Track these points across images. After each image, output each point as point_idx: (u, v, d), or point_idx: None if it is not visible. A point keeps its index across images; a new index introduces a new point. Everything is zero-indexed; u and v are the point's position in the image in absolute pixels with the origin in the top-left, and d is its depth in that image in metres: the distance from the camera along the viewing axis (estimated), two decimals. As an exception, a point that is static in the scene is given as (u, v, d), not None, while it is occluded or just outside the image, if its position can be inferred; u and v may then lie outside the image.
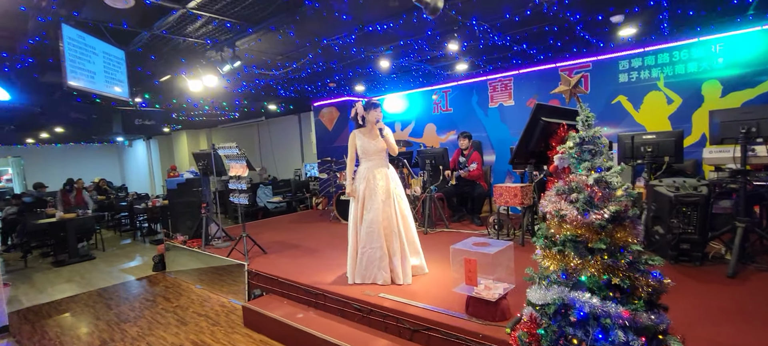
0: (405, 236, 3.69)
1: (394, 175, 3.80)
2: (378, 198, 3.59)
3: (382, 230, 3.56)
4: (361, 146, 3.73)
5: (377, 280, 3.57)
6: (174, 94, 5.87)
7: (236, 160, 4.56)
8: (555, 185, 1.74)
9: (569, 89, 1.84)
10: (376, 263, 3.57)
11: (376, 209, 3.57)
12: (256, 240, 5.97)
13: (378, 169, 3.68)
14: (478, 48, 4.59)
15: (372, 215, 3.57)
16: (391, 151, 3.76)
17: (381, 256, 3.56)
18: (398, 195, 3.73)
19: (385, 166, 3.74)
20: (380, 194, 3.60)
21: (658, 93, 5.29)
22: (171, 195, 6.25)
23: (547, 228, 1.78)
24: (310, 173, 10.18)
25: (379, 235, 3.56)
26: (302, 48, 4.33)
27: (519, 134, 6.95)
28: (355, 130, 3.82)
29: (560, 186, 1.70)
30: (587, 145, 1.68)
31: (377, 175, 3.64)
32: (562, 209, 1.64)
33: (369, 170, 3.67)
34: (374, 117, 3.69)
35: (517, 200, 4.56)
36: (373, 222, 3.57)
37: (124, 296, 5.24)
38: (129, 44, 3.66)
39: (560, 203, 1.66)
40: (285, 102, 8.71)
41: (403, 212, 3.73)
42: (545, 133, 2.46)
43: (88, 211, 7.73)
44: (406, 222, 3.73)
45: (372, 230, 3.57)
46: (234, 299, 4.73)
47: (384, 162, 3.76)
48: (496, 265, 2.82)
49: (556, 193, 1.71)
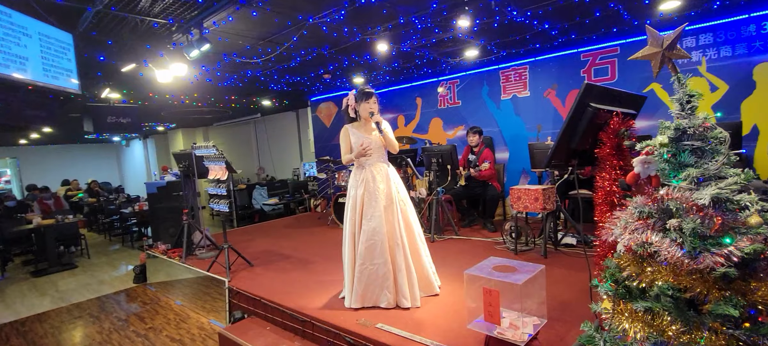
0: (410, 248, 3.09)
1: (395, 175, 3.21)
2: (379, 204, 3.01)
3: (385, 242, 2.98)
4: (356, 143, 3.14)
5: (379, 302, 2.98)
6: (149, 88, 5.32)
7: (215, 162, 3.98)
8: (634, 204, 1.13)
9: (660, 51, 1.22)
10: (378, 283, 2.98)
11: (377, 217, 2.99)
12: (246, 247, 5.42)
13: (378, 171, 3.10)
14: (492, 28, 3.95)
15: (373, 225, 2.99)
16: (391, 149, 3.15)
17: (384, 273, 2.97)
18: (402, 199, 3.15)
19: (385, 166, 3.15)
20: (381, 199, 3.02)
21: (699, 79, 4.60)
22: (152, 200, 5.69)
23: (618, 267, 1.16)
24: (308, 172, 9.60)
25: (381, 248, 2.97)
26: (284, 29, 3.72)
27: (535, 128, 6.28)
28: (346, 125, 3.23)
29: (644, 206, 1.09)
30: (690, 141, 1.06)
31: (377, 177, 3.07)
32: (651, 243, 1.03)
33: (367, 172, 3.08)
34: (367, 110, 3.10)
35: (539, 204, 3.92)
36: (374, 233, 2.98)
37: (94, 315, 4.70)
38: (76, 26, 3.10)
39: (647, 232, 1.05)
40: (279, 97, 8.12)
41: (408, 219, 3.14)
42: (593, 126, 1.83)
43: (69, 216, 7.21)
44: (411, 231, 3.14)
45: (373, 243, 2.98)
46: (214, 321, 4.16)
47: (384, 162, 3.17)
48: (525, 296, 2.20)
49: (638, 215, 1.10)
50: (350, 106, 3.17)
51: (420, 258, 3.15)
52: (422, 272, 3.14)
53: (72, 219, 7.19)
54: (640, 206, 1.10)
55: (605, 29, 4.37)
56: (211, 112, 9.28)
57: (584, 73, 5.39)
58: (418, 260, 3.13)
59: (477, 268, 2.35)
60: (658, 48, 1.24)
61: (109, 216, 9.64)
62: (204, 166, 4.36)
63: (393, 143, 3.13)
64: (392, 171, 3.19)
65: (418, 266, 3.12)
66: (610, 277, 1.17)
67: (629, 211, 1.14)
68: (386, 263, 2.95)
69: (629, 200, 1.14)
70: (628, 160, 1.86)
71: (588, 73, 5.36)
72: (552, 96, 5.75)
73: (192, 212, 5.41)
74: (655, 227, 1.06)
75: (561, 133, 1.76)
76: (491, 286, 2.14)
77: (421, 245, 3.17)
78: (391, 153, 3.23)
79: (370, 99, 3.09)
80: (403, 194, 3.19)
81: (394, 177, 3.16)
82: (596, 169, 1.93)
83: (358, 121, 3.19)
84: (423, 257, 3.17)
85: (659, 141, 1.12)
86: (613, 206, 1.84)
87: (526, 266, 2.31)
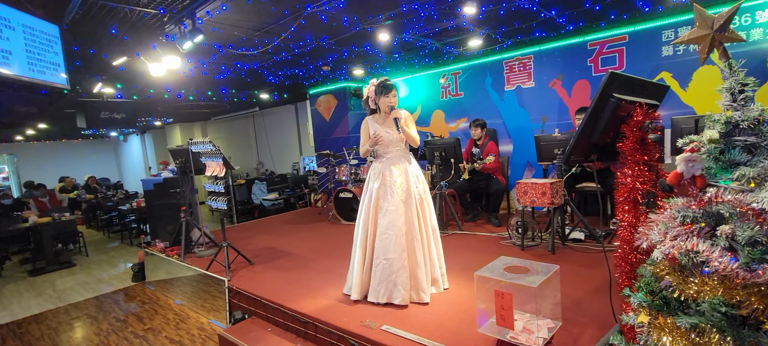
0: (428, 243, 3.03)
1: (416, 170, 3.12)
2: (396, 198, 2.94)
3: (402, 237, 2.90)
4: (376, 135, 3.06)
5: (393, 299, 2.89)
6: (144, 83, 5.16)
7: (211, 157, 3.85)
8: (677, 207, 1.00)
9: (710, 33, 1.08)
10: (393, 279, 2.90)
11: (393, 211, 2.92)
12: (246, 245, 5.32)
13: (396, 164, 3.03)
14: (498, 16, 3.79)
15: (387, 220, 2.92)
16: (411, 143, 3.08)
17: (399, 269, 2.89)
18: (421, 194, 3.06)
19: (405, 160, 3.07)
20: (398, 193, 2.96)
21: (711, 68, 4.45)
22: (148, 196, 5.57)
23: (655, 276, 1.05)
24: (308, 167, 9.47)
25: (397, 243, 2.89)
26: (280, 19, 3.57)
27: (539, 120, 6.15)
28: (367, 117, 3.16)
29: (688, 210, 0.97)
30: (742, 137, 0.94)
31: (395, 171, 3.01)
32: (698, 252, 0.91)
33: (385, 166, 3.04)
34: (387, 104, 3.02)
35: (546, 199, 3.80)
36: (388, 227, 2.91)
37: (92, 315, 4.60)
38: (63, 17, 2.95)
39: (693, 240, 0.93)
40: (278, 90, 7.95)
41: (425, 214, 3.05)
42: (615, 118, 1.70)
43: (66, 213, 7.10)
44: (428, 226, 3.05)
45: (387, 237, 2.91)
46: (215, 321, 4.06)
47: (404, 156, 3.09)
48: (540, 298, 2.09)
49: (682, 220, 0.98)
50: (371, 98, 3.09)
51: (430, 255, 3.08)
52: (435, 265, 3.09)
53: (68, 217, 7.07)
54: (684, 210, 0.98)
55: (615, 16, 4.21)
56: (208, 106, 9.13)
57: (591, 63, 5.24)
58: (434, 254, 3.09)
59: (488, 269, 2.23)
60: (707, 30, 1.11)
61: (107, 213, 9.53)
62: (201, 163, 4.23)
63: (412, 137, 3.04)
64: (413, 165, 3.10)
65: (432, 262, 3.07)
66: (645, 287, 1.06)
67: (669, 214, 1.02)
68: (400, 258, 2.88)
69: (666, 202, 1.02)
70: (653, 155, 1.74)
71: (595, 63, 5.21)
72: (557, 87, 5.60)
73: (190, 208, 5.29)
74: (701, 234, 0.94)
75: (582, 127, 1.63)
76: (504, 289, 2.02)
77: (433, 243, 3.09)
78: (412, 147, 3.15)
79: (390, 93, 3.02)
80: (423, 189, 3.10)
81: (414, 171, 3.08)
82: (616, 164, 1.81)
83: (379, 113, 3.10)
84: (433, 256, 3.09)
85: (708, 136, 1.00)
86: (636, 204, 1.72)
87: (538, 267, 2.19)
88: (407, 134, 3.00)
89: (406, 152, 3.10)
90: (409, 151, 3.15)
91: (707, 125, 1.04)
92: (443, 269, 3.19)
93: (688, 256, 0.94)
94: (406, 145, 3.11)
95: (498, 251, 4.12)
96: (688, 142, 1.05)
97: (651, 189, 1.70)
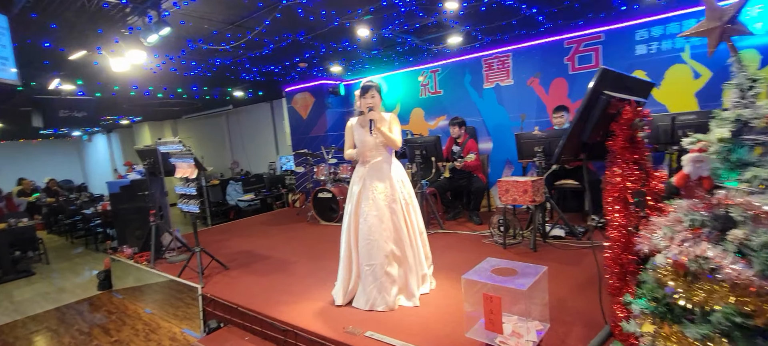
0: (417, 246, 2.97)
1: (398, 172, 3.02)
2: (379, 203, 2.86)
3: (380, 243, 2.82)
4: (357, 139, 2.99)
5: (376, 306, 2.81)
6: (108, 79, 4.83)
7: (182, 158, 3.64)
8: (683, 210, 0.95)
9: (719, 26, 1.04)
10: (376, 286, 2.82)
11: (375, 216, 2.84)
12: (221, 248, 5.12)
13: (378, 169, 2.93)
14: (479, 12, 3.75)
15: (370, 224, 2.84)
16: (390, 145, 2.96)
17: (382, 276, 2.81)
18: (407, 198, 2.99)
19: (386, 164, 2.97)
20: (380, 199, 2.87)
21: (682, 66, 4.58)
22: (114, 200, 5.25)
23: (657, 283, 0.99)
24: (285, 166, 9.24)
25: (377, 250, 2.82)
26: (254, 11, 3.40)
27: (518, 118, 6.16)
28: (351, 119, 3.07)
29: (696, 214, 0.92)
30: (752, 136, 0.89)
31: (374, 174, 2.92)
32: (708, 258, 0.86)
33: (366, 170, 2.95)
34: (365, 105, 2.91)
35: (528, 196, 3.79)
36: (369, 233, 2.83)
37: (53, 328, 4.29)
38: (11, 6, 2.68)
39: (703, 245, 0.88)
40: (253, 87, 7.69)
41: (411, 218, 2.98)
42: (605, 116, 1.66)
43: (24, 219, 6.63)
44: (415, 230, 2.99)
45: (368, 243, 2.83)
46: (188, 330, 3.85)
47: (386, 159, 2.98)
48: (529, 301, 2.04)
49: (690, 224, 0.93)
50: (356, 99, 3.01)
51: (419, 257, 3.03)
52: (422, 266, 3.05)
53: (27, 222, 6.61)
54: (691, 213, 0.93)
55: (593, 14, 4.25)
56: (178, 104, 8.74)
57: (568, 61, 5.30)
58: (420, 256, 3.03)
59: (475, 272, 2.17)
60: (716, 22, 1.07)
61: (70, 217, 9.00)
62: (171, 164, 4.01)
63: (391, 139, 2.93)
64: (395, 169, 3.00)
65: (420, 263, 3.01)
66: (648, 293, 1.01)
67: (675, 217, 0.97)
68: (382, 265, 2.80)
69: (669, 203, 0.98)
70: (643, 153, 1.71)
71: (572, 61, 5.27)
72: (535, 84, 5.64)
73: (160, 212, 5.03)
74: (710, 238, 0.89)
75: (573, 125, 1.58)
76: (493, 292, 1.96)
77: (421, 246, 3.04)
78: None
79: (367, 93, 2.91)
80: (408, 193, 3.03)
81: (397, 174, 2.98)
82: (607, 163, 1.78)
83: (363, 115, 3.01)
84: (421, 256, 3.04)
85: (718, 135, 0.96)
86: (626, 204, 1.69)
87: (526, 268, 2.15)
88: (384, 137, 2.90)
89: (387, 155, 3.00)
90: (391, 154, 3.04)
91: (716, 123, 1.00)
92: (431, 268, 3.16)
93: (697, 262, 0.89)
94: (388, 148, 3.01)
95: (480, 249, 4.10)
96: (696, 142, 1.01)
97: (641, 188, 1.67)
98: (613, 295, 1.77)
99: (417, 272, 2.93)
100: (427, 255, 3.13)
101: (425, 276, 3.04)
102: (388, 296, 2.79)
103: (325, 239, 5.09)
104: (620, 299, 1.75)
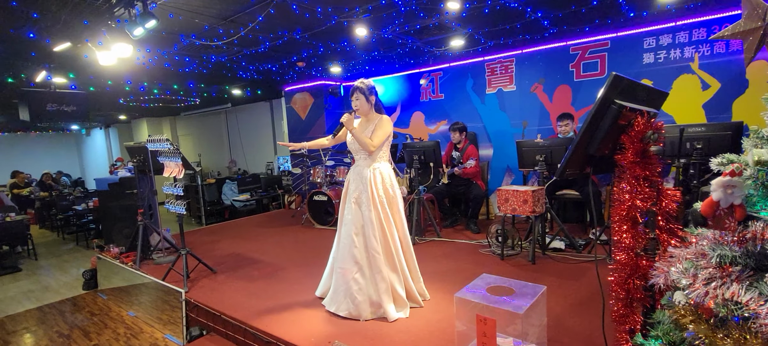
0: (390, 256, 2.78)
1: (381, 174, 2.86)
2: (361, 208, 2.81)
3: (352, 249, 2.77)
4: (348, 140, 2.97)
5: (339, 310, 2.80)
6: (99, 73, 4.69)
7: (169, 157, 3.50)
8: (710, 244, 0.81)
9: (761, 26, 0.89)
10: (342, 289, 2.81)
11: (348, 222, 2.83)
12: (210, 250, 4.98)
13: (357, 170, 2.90)
14: (482, 14, 3.60)
15: (345, 229, 2.86)
16: (363, 148, 2.83)
17: (350, 281, 2.76)
18: (382, 200, 2.81)
19: (365, 167, 2.86)
20: (359, 200, 2.82)
21: (690, 76, 4.43)
22: (103, 197, 5.11)
23: (674, 325, 0.85)
24: (283, 167, 9.10)
25: (349, 252, 2.78)
26: (247, 6, 3.26)
27: (520, 124, 6.01)
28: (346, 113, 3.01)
29: (725, 248, 0.77)
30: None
31: (354, 178, 2.89)
32: (740, 304, 0.71)
33: (351, 172, 2.95)
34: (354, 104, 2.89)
35: (528, 207, 3.64)
36: (345, 236, 2.84)
37: (32, 329, 4.14)
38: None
39: (734, 287, 0.73)
40: (250, 86, 7.55)
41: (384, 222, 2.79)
42: (615, 127, 1.52)
43: (12, 213, 6.49)
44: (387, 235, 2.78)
45: (344, 246, 2.83)
46: (171, 336, 3.69)
47: (365, 162, 2.88)
48: (526, 324, 1.89)
49: (719, 261, 0.78)
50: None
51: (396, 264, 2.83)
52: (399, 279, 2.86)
53: (15, 217, 6.47)
54: (720, 247, 0.79)
55: (599, 20, 4.11)
56: (176, 100, 8.61)
57: (573, 68, 5.15)
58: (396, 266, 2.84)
59: (469, 289, 2.02)
60: (757, 22, 0.92)
61: (63, 212, 8.86)
62: (159, 162, 3.87)
63: (362, 142, 2.79)
64: (379, 169, 2.86)
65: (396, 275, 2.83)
66: (664, 337, 0.86)
67: (699, 250, 0.83)
68: (351, 270, 2.76)
69: (690, 231, 0.84)
70: (655, 169, 1.56)
71: (577, 68, 5.12)
72: (539, 91, 5.50)
73: (149, 210, 4.89)
74: (741, 278, 0.75)
75: (579, 137, 1.43)
76: (488, 313, 1.81)
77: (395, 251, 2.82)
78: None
79: (352, 95, 2.88)
80: (391, 192, 2.86)
81: (378, 176, 2.83)
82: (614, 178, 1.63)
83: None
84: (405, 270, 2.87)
85: (757, 157, 0.81)
86: (634, 223, 1.54)
87: (524, 288, 1.99)
88: (356, 138, 2.80)
89: (368, 159, 2.86)
90: (372, 158, 2.87)
91: (751, 143, 0.85)
92: (420, 283, 2.98)
93: (727, 306, 0.75)
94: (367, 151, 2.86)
95: (477, 259, 3.95)
96: (727, 164, 0.86)
97: (651, 208, 1.52)
98: (618, 322, 1.62)
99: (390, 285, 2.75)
100: (413, 268, 2.93)
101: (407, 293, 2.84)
102: (351, 303, 2.75)
103: (319, 244, 4.94)
104: (625, 328, 1.60)
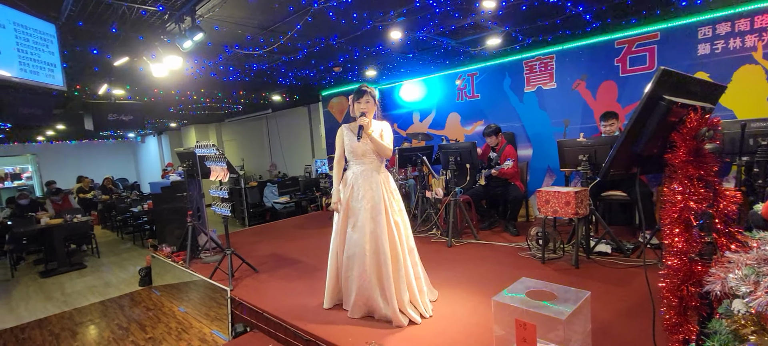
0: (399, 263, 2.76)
1: (388, 182, 2.90)
2: (367, 214, 2.77)
3: (365, 257, 2.75)
4: (349, 145, 2.89)
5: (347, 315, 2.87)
6: (153, 84, 5.06)
7: (215, 162, 3.69)
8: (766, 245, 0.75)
9: None
10: (351, 298, 2.84)
11: (360, 228, 2.78)
12: (253, 250, 5.18)
13: (368, 175, 2.84)
14: (520, 11, 3.52)
15: (356, 236, 2.80)
16: (381, 153, 2.84)
17: (358, 289, 2.79)
18: (393, 208, 2.84)
19: (376, 171, 2.86)
20: (366, 206, 2.77)
21: (754, 67, 4.08)
22: (156, 200, 5.48)
23: (733, 336, 0.79)
24: (320, 169, 9.31)
25: (360, 262, 2.76)
26: (285, 16, 3.39)
27: (561, 123, 5.80)
28: (343, 125, 2.99)
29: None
30: None
31: (364, 183, 2.82)
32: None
33: (356, 176, 2.86)
34: (358, 109, 2.80)
35: (570, 209, 3.50)
36: (355, 245, 2.80)
37: (96, 321, 4.51)
38: (59, 15, 2.83)
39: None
40: (289, 92, 7.82)
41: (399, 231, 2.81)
42: (664, 124, 1.44)
43: (78, 215, 7.10)
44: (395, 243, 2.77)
45: (353, 254, 2.81)
46: (217, 332, 3.89)
47: (375, 167, 2.87)
48: (569, 330, 1.82)
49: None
50: (350, 104, 2.91)
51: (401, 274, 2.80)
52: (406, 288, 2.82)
53: (81, 218, 7.07)
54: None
55: (647, 12, 3.88)
56: (221, 107, 9.07)
57: (618, 63, 4.90)
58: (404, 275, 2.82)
59: (508, 293, 1.97)
60: None
61: (121, 214, 9.58)
62: (206, 167, 4.09)
63: (381, 146, 2.81)
64: (385, 177, 2.88)
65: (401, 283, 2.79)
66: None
67: (761, 255, 0.77)
68: (362, 276, 2.76)
69: (750, 235, 0.78)
70: (710, 168, 1.46)
71: (622, 63, 4.87)
72: (581, 88, 5.27)
73: (198, 212, 5.17)
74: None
75: (624, 135, 1.37)
76: (527, 318, 1.77)
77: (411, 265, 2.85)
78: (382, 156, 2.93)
79: (361, 98, 2.80)
80: (398, 207, 2.89)
81: (386, 184, 2.85)
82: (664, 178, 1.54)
83: (354, 121, 2.89)
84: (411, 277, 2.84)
85: None
86: (688, 227, 1.45)
87: (566, 293, 1.92)
88: (374, 143, 2.78)
89: (377, 163, 2.87)
90: (381, 163, 2.89)
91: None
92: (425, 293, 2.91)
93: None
94: (379, 156, 2.88)
95: (516, 263, 3.84)
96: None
97: (707, 209, 1.42)
98: (670, 331, 1.53)
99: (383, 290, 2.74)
100: (419, 276, 2.89)
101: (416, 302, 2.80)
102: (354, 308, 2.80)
103: (355, 246, 5.01)
104: (679, 337, 1.51)
